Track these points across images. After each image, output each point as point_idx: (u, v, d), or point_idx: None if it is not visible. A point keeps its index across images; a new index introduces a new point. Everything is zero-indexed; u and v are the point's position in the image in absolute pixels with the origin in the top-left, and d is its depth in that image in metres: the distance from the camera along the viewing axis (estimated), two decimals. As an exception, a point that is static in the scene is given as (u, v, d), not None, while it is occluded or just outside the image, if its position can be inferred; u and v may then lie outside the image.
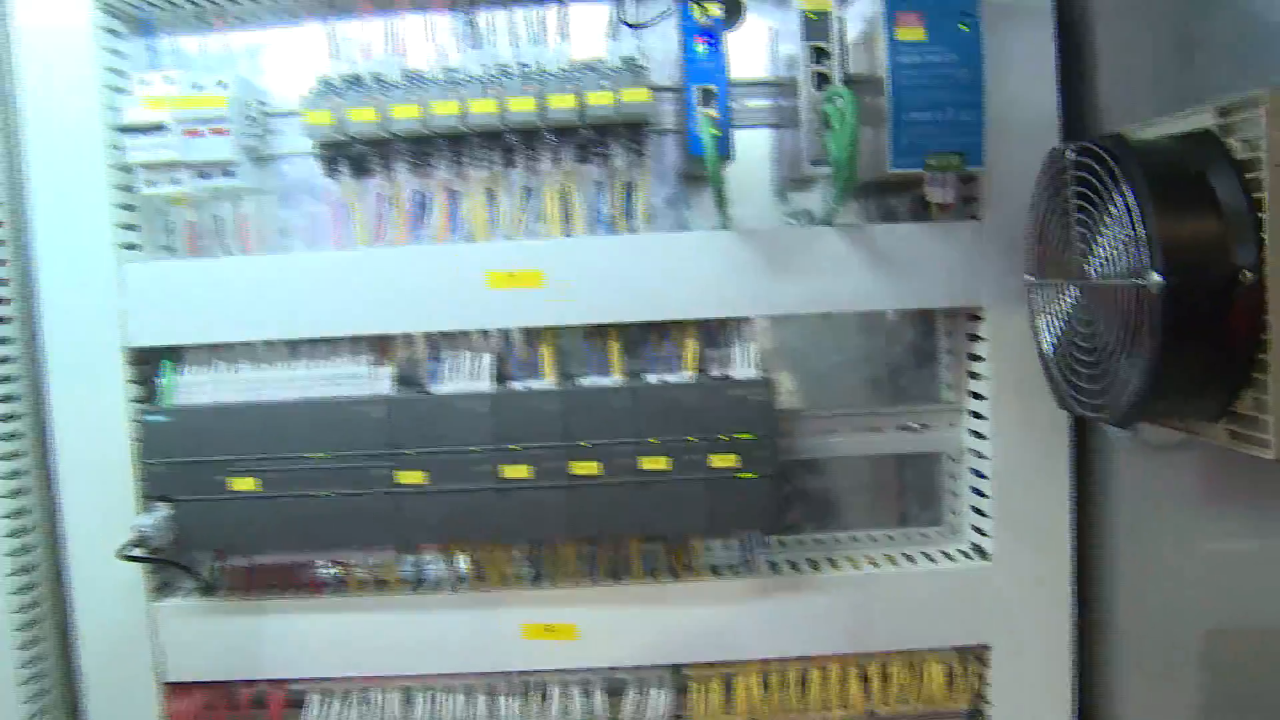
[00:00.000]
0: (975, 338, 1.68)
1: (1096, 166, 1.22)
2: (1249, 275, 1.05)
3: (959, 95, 1.49)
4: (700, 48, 1.54)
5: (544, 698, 1.73)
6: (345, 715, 1.72)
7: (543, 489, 1.60)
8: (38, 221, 1.66)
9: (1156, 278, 1.08)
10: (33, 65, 1.65)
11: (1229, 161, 1.11)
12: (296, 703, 1.75)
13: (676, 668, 1.72)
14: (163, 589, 1.74)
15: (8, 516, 1.70)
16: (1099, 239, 1.23)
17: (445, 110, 1.58)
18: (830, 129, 1.47)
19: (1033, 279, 1.44)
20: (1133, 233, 1.14)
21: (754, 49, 1.75)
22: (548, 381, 1.67)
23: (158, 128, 1.62)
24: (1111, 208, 1.19)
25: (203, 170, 1.65)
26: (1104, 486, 1.62)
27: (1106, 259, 1.21)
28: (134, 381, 1.69)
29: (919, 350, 1.84)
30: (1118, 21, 1.54)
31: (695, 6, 1.53)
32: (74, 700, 1.79)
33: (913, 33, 1.49)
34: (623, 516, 1.61)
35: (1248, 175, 1.07)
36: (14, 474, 1.72)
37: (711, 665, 1.72)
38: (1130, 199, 1.14)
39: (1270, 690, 1.24)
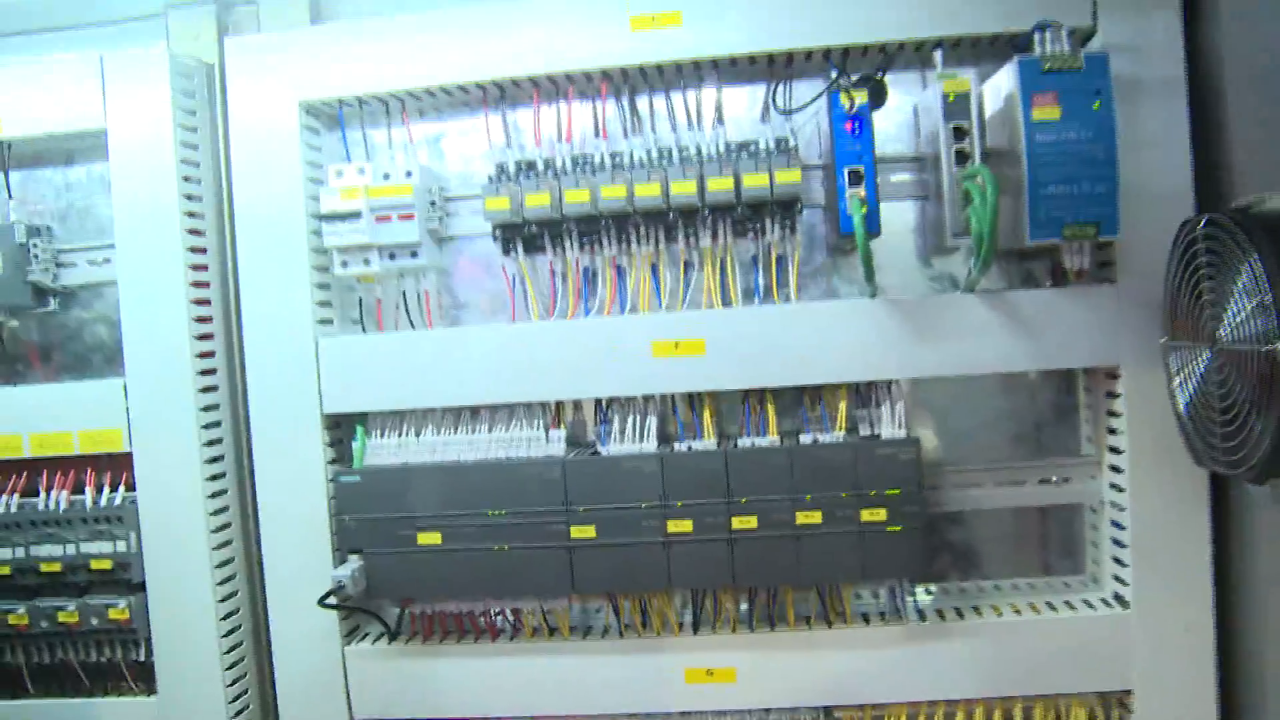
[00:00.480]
0: (1113, 395, 1.76)
1: (1225, 237, 1.32)
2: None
3: (1093, 169, 1.58)
4: (849, 132, 1.66)
5: (704, 737, 1.84)
6: (521, 752, 1.86)
7: (704, 542, 1.72)
8: (245, 298, 1.86)
9: (1281, 344, 1.17)
10: (244, 159, 1.85)
11: (1353, 231, 1.20)
12: (475, 740, 1.89)
13: (828, 709, 1.82)
14: (352, 634, 1.90)
15: (218, 566, 1.88)
16: (1229, 305, 1.32)
17: (613, 194, 1.72)
18: (971, 205, 1.58)
19: (1168, 341, 1.53)
20: (1262, 300, 1.23)
21: (898, 124, 1.86)
22: (708, 442, 1.79)
23: (354, 215, 1.79)
24: (1240, 276, 1.28)
25: (391, 251, 1.83)
26: (1244, 539, 1.69)
27: (1237, 324, 1.30)
28: (329, 444, 1.86)
29: (1059, 407, 1.92)
30: (1250, 94, 1.61)
31: (844, 95, 1.65)
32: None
33: (1048, 112, 1.59)
34: (778, 568, 1.73)
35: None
36: (221, 527, 1.91)
37: (860, 708, 1.82)
38: (1259, 268, 1.24)
39: None
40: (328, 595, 1.77)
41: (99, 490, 1.93)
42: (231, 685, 1.92)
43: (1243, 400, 1.30)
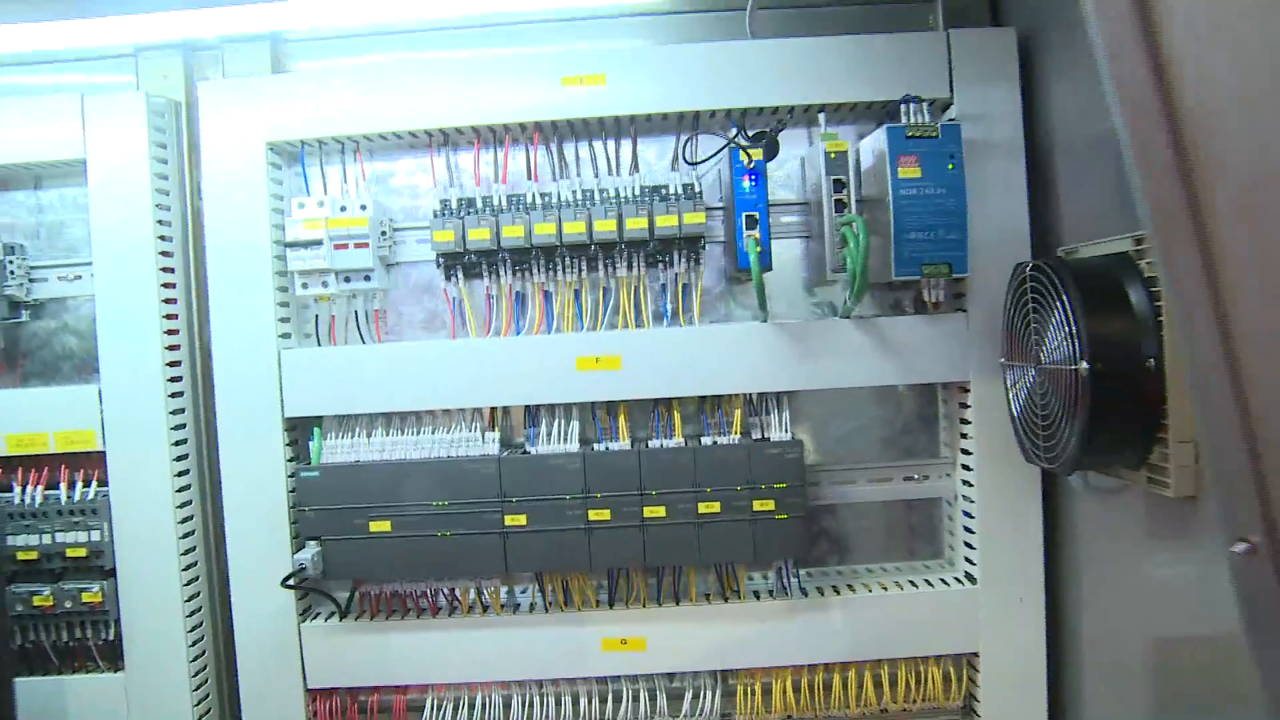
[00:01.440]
0: (964, 405, 2.10)
1: (1045, 279, 1.66)
2: (1152, 364, 1.50)
3: (947, 219, 1.91)
4: (746, 184, 1.98)
5: (618, 699, 2.12)
6: (458, 712, 2.12)
7: (620, 528, 2.01)
8: (215, 314, 2.09)
9: (1085, 365, 1.52)
10: (215, 191, 2.08)
11: (1140, 278, 1.56)
12: (417, 706, 2.15)
13: (725, 673, 2.13)
14: (306, 613, 2.14)
15: (183, 554, 2.11)
16: (1049, 333, 1.66)
17: (544, 230, 2.00)
18: (847, 246, 1.90)
19: (1005, 361, 1.87)
20: (1069, 330, 1.58)
21: (788, 173, 2.17)
22: (624, 443, 2.09)
23: (315, 243, 2.04)
24: (1055, 311, 1.63)
25: (347, 275, 2.09)
26: (1067, 524, 2.04)
27: (1054, 349, 1.64)
28: (288, 444, 2.10)
29: (923, 415, 2.25)
30: (1074, 158, 1.96)
31: (743, 153, 1.96)
32: (234, 704, 2.19)
33: (911, 171, 1.91)
34: (683, 550, 2.03)
35: (1152, 289, 1.52)
36: (186, 519, 2.14)
37: (752, 671, 2.12)
38: (1067, 305, 1.58)
39: (1198, 685, 1.64)
40: (290, 577, 2.01)
41: (72, 486, 2.13)
42: (194, 660, 2.14)
43: (1056, 409, 1.65)
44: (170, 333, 2.13)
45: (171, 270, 2.15)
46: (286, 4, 1.83)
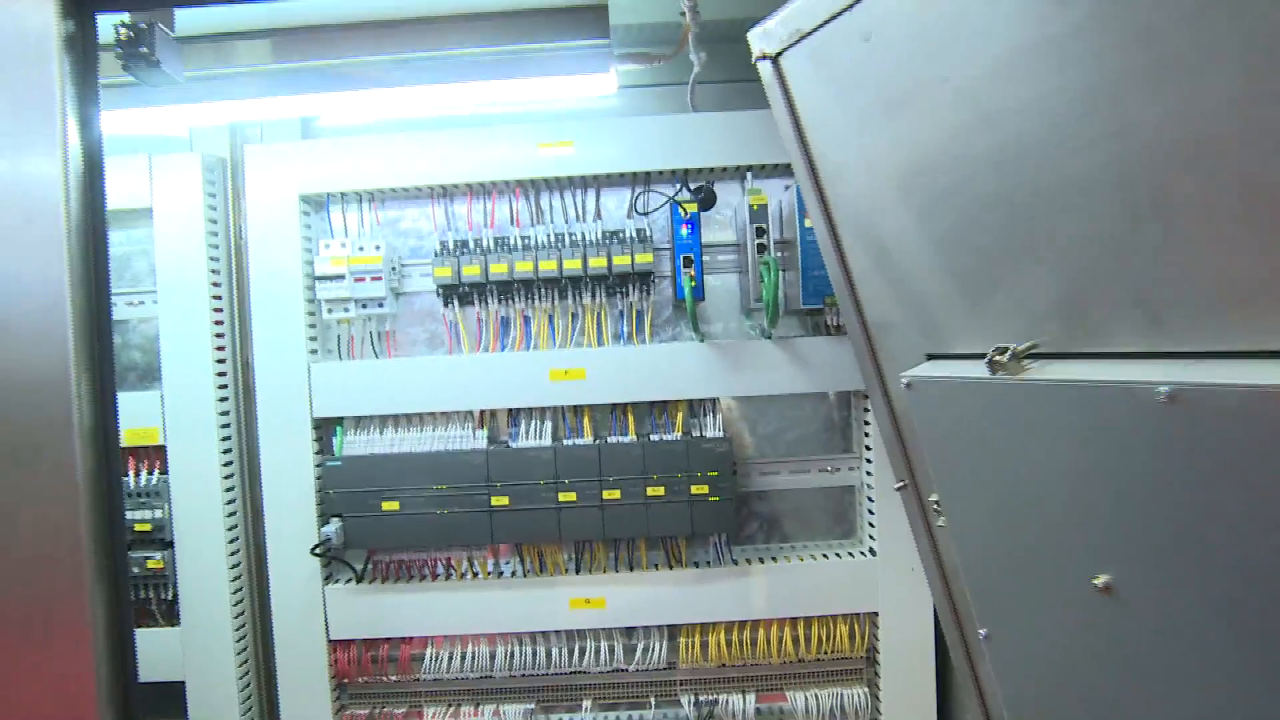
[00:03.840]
0: (866, 409, 2.58)
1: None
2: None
3: (846, 259, 2.39)
4: (684, 230, 2.46)
5: (583, 651, 2.60)
6: (452, 659, 2.60)
7: (584, 508, 2.49)
8: (256, 333, 2.57)
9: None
10: (258, 234, 2.56)
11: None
12: (419, 656, 2.62)
13: (672, 627, 2.60)
14: (329, 578, 2.62)
15: (228, 530, 2.59)
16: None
17: (524, 267, 2.49)
18: (764, 281, 2.38)
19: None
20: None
21: (726, 218, 2.65)
22: (587, 439, 2.57)
23: (339, 277, 2.53)
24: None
25: (364, 302, 2.57)
26: (946, 506, 2.52)
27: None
28: (315, 440, 2.59)
29: (841, 418, 2.72)
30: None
31: (681, 207, 2.45)
32: (269, 653, 2.67)
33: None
34: (636, 526, 2.50)
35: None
36: (231, 501, 2.62)
37: (694, 627, 2.60)
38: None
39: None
40: (317, 546, 2.50)
41: (138, 474, 2.61)
42: (237, 618, 2.62)
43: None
44: (219, 349, 2.61)
45: (220, 297, 2.63)
46: (313, 98, 2.29)
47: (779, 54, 1.31)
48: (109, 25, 1.77)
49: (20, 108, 1.50)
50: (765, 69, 1.35)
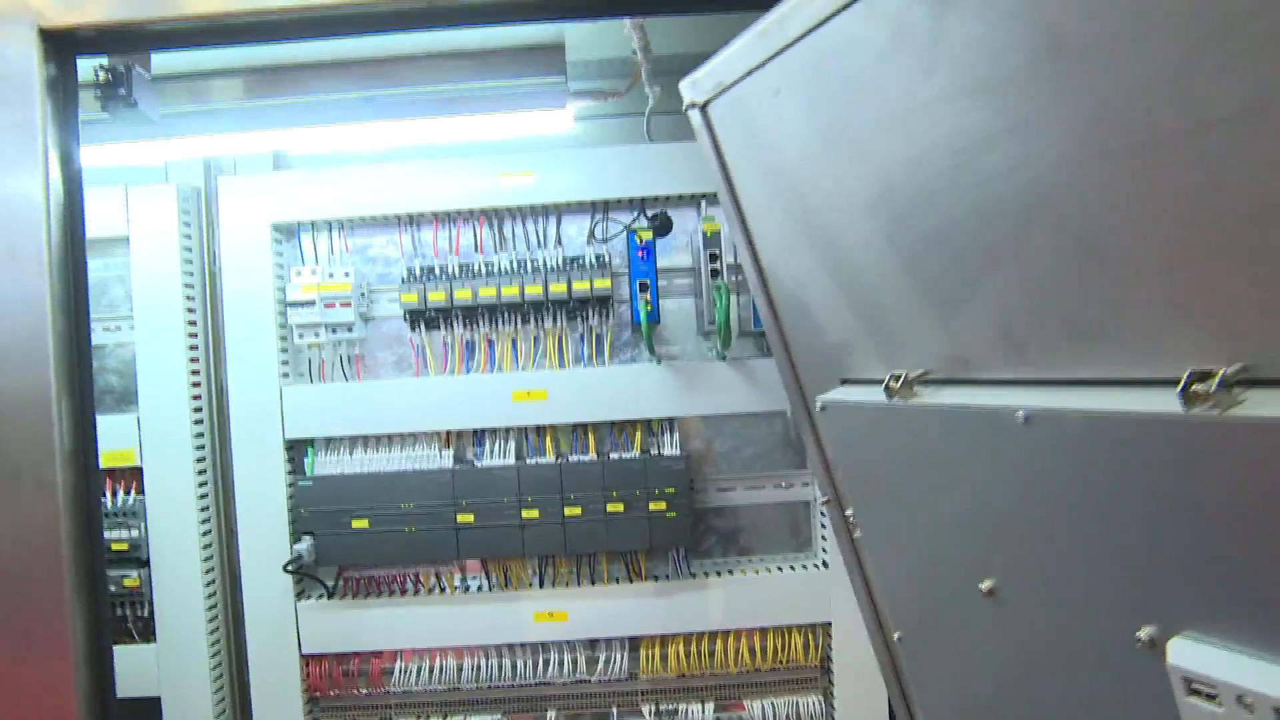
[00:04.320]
0: (819, 428, 2.69)
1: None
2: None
3: (796, 284, 2.50)
4: (640, 257, 2.57)
5: (547, 663, 2.69)
6: (421, 672, 2.69)
7: (546, 524, 2.59)
8: (230, 357, 2.66)
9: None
10: (231, 261, 2.66)
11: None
12: (388, 670, 2.71)
13: (633, 639, 2.70)
14: (302, 594, 2.71)
15: (203, 548, 2.68)
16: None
17: (487, 292, 2.59)
18: (717, 305, 2.49)
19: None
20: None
21: (682, 244, 2.76)
22: (549, 458, 2.66)
23: (309, 303, 2.63)
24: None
25: (334, 327, 2.67)
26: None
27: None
28: (288, 460, 2.68)
29: (792, 436, 2.83)
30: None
31: (637, 235, 2.56)
32: (243, 668, 2.76)
33: (767, 247, 2.50)
34: (596, 541, 2.60)
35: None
36: (205, 520, 2.71)
37: (654, 638, 2.69)
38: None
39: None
40: (290, 563, 2.59)
41: (115, 494, 2.70)
42: (211, 634, 2.71)
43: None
44: (194, 373, 2.71)
45: (194, 323, 2.73)
46: (284, 132, 2.40)
47: (706, 103, 1.42)
48: (88, 67, 1.86)
49: (4, 144, 1.60)
50: (695, 117, 1.46)
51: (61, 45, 1.66)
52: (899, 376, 1.17)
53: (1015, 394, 1.00)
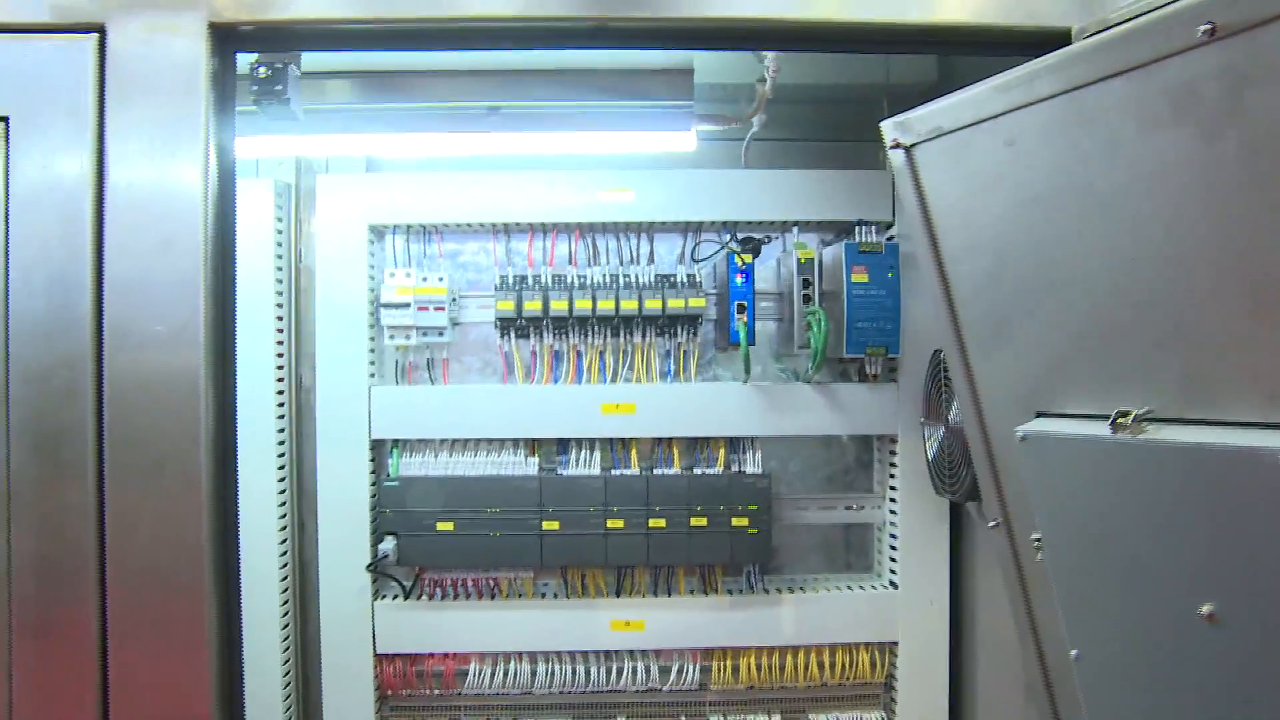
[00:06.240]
0: (893, 452, 2.76)
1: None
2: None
3: (886, 313, 2.57)
4: (739, 280, 2.63)
5: (620, 671, 2.74)
6: (495, 676, 2.72)
7: (630, 535, 2.63)
8: (320, 356, 2.68)
9: (980, 432, 2.18)
10: (326, 260, 2.68)
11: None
12: (463, 672, 2.73)
13: (706, 650, 2.75)
14: (379, 593, 2.73)
15: (280, 544, 2.69)
16: (955, 401, 2.32)
17: (582, 305, 2.64)
18: (811, 330, 2.55)
19: (924, 420, 2.53)
20: (973, 404, 2.24)
21: (769, 268, 2.82)
22: (634, 470, 2.71)
23: (404, 305, 2.65)
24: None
25: (425, 330, 2.70)
26: (967, 542, 2.71)
27: (955, 412, 2.30)
28: (372, 460, 2.70)
29: (861, 460, 2.91)
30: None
31: (738, 257, 2.62)
32: (308, 661, 2.78)
33: (861, 276, 2.57)
34: (678, 553, 2.66)
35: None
36: (283, 516, 2.72)
37: (725, 651, 2.75)
38: (970, 387, 2.25)
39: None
40: (373, 563, 2.61)
41: (193, 486, 2.70)
42: (284, 629, 2.72)
43: (959, 455, 2.31)
44: (279, 368, 2.72)
45: (281, 319, 2.74)
46: (410, 137, 2.43)
47: (913, 145, 1.49)
48: (244, 62, 1.89)
49: (171, 134, 1.61)
50: (898, 156, 1.52)
51: (226, 39, 1.67)
52: (1127, 413, 1.25)
53: (1267, 436, 1.07)
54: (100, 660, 1.59)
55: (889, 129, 1.53)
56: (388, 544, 2.61)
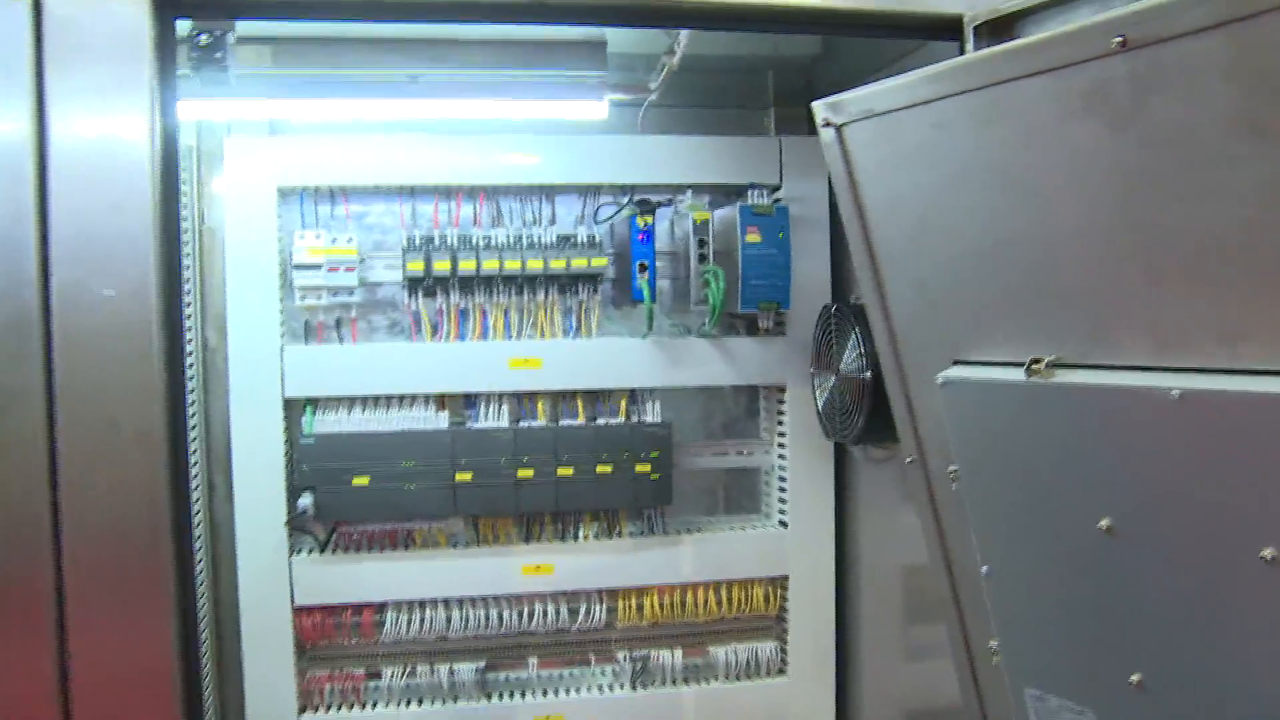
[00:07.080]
0: (781, 401, 2.97)
1: (841, 316, 2.54)
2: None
3: (777, 271, 2.76)
4: (640, 240, 2.78)
5: (532, 614, 2.88)
6: (411, 623, 2.83)
7: (539, 484, 2.77)
8: (232, 318, 2.73)
9: (868, 374, 2.39)
10: (235, 223, 2.73)
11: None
12: (379, 622, 2.83)
13: (611, 590, 2.92)
14: (295, 548, 2.80)
15: (197, 502, 2.74)
16: (845, 353, 2.53)
17: (490, 265, 2.75)
18: (708, 287, 2.72)
19: (813, 370, 2.74)
20: (859, 350, 2.45)
21: (662, 229, 2.97)
22: (542, 421, 2.85)
23: (315, 266, 2.72)
24: (849, 338, 2.50)
25: (335, 291, 2.77)
26: (852, 483, 2.94)
27: (848, 363, 2.52)
28: (285, 418, 2.77)
29: (749, 408, 3.11)
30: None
31: (639, 218, 2.77)
32: (220, 616, 2.84)
33: (754, 236, 2.75)
34: (585, 499, 2.82)
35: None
36: (196, 475, 2.77)
37: (630, 590, 2.92)
38: (858, 334, 2.45)
39: (932, 595, 2.53)
40: (292, 519, 2.69)
41: (102, 448, 2.73)
42: (203, 587, 2.77)
43: (849, 402, 2.52)
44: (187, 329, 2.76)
45: (188, 280, 2.77)
46: (330, 102, 2.50)
47: (843, 124, 1.67)
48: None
49: (118, 99, 1.65)
50: (828, 134, 1.69)
51: (165, 5, 1.72)
52: (1039, 360, 1.45)
53: (1163, 377, 1.29)
54: (57, 621, 1.60)
55: (821, 109, 1.70)
56: (306, 499, 2.69)
